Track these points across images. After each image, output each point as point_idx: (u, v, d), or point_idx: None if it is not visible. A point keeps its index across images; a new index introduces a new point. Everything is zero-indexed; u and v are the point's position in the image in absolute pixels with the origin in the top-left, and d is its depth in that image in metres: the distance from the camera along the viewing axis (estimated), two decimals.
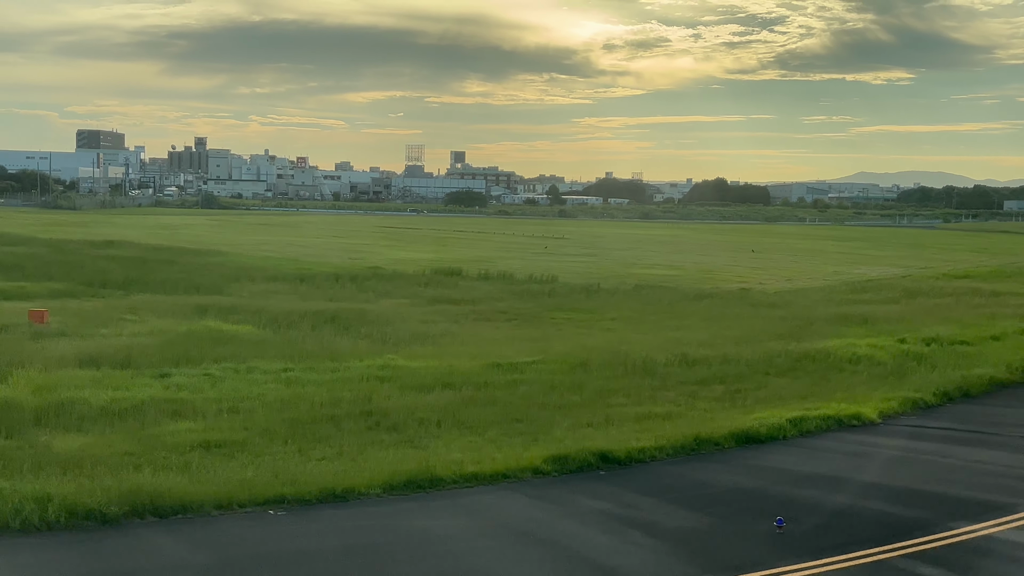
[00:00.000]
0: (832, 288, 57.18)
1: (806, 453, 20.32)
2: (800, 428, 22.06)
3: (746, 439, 21.01)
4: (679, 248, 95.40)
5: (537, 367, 28.32)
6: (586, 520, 15.62)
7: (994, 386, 27.70)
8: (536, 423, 21.97)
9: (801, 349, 32.37)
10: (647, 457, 19.46)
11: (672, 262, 77.60)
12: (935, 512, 16.16)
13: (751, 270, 72.03)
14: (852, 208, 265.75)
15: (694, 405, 24.44)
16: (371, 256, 71.26)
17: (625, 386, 26.31)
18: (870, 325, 39.18)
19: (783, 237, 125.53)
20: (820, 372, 29.18)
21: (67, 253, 61.73)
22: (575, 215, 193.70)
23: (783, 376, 28.61)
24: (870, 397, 25.10)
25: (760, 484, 17.87)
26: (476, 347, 31.96)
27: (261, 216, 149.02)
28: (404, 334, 34.34)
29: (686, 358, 30.17)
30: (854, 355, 31.75)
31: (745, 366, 29.53)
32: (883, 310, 45.09)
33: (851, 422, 22.93)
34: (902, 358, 31.58)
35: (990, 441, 21.44)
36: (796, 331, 37.18)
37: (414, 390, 24.73)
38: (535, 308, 43.99)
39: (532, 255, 79.84)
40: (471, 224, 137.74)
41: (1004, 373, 28.94)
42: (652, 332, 37.45)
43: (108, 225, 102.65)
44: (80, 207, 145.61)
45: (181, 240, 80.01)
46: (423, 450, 19.29)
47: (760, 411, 23.34)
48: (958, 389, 26.68)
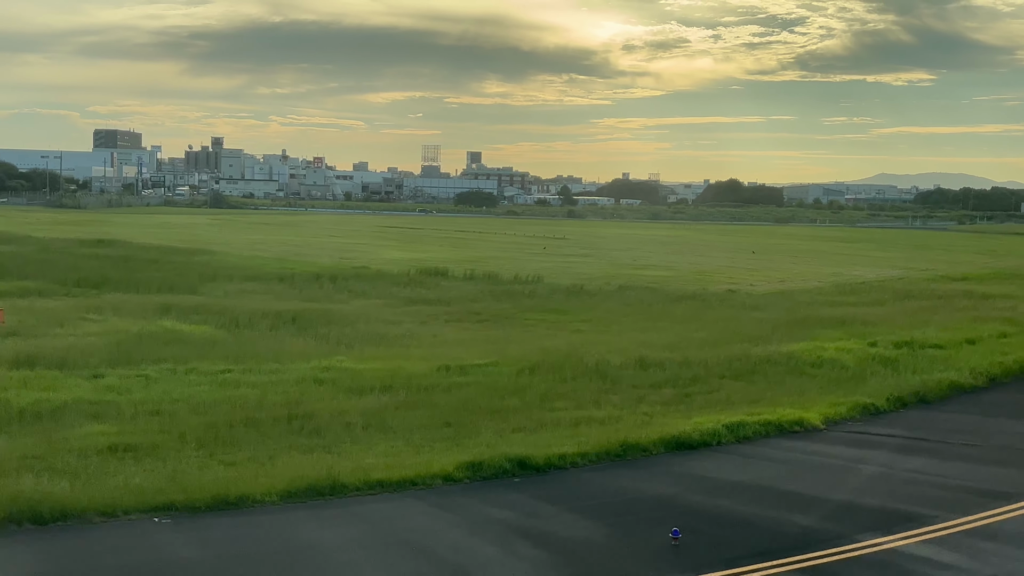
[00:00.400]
0: (822, 290, 56.35)
1: (735, 460, 19.68)
2: (737, 434, 21.42)
3: (677, 445, 20.40)
4: (679, 249, 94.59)
5: (487, 370, 27.78)
6: (477, 530, 15.05)
7: (954, 391, 26.96)
8: (465, 428, 21.43)
9: (766, 352, 31.69)
10: (568, 463, 18.87)
11: (668, 263, 76.87)
12: (847, 523, 15.53)
13: (746, 271, 71.21)
14: (867, 209, 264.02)
15: (636, 409, 23.82)
16: (363, 256, 70.79)
17: (572, 389, 25.72)
18: (847, 327, 38.44)
19: (788, 238, 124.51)
20: (778, 376, 28.50)
21: (53, 252, 61.52)
22: (584, 215, 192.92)
23: (739, 380, 27.94)
24: (820, 402, 24.45)
25: (676, 492, 17.26)
26: (433, 349, 31.44)
27: (266, 216, 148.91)
28: (364, 335, 33.82)
29: (644, 361, 29.54)
30: (819, 358, 31.08)
31: (703, 369, 28.88)
32: (865, 312, 44.30)
33: (793, 428, 22.28)
34: (868, 362, 30.86)
35: (931, 449, 20.74)
36: (769, 333, 36.47)
37: (351, 393, 24.22)
38: (510, 309, 43.41)
39: (528, 255, 79.23)
40: (476, 224, 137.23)
41: (968, 378, 28.18)
42: (621, 334, 36.84)
43: (107, 224, 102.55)
44: (85, 206, 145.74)
45: (175, 239, 79.70)
46: (338, 456, 18.77)
47: (702, 416, 22.72)
48: (915, 394, 25.97)
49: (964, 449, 20.78)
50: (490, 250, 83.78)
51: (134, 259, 58.53)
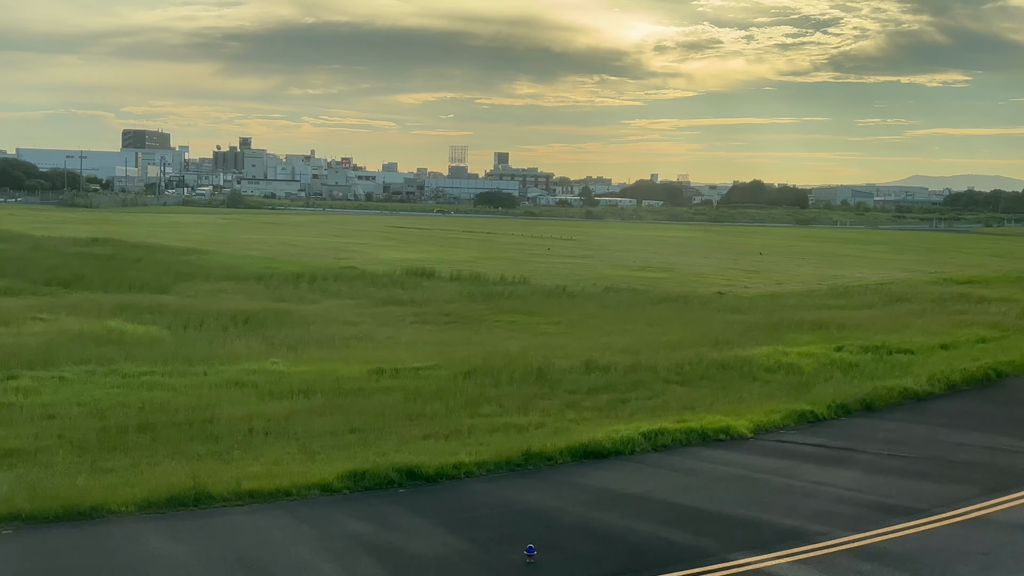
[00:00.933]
0: (814, 292, 55.19)
1: (643, 470, 18.76)
2: (655, 442, 20.49)
3: (585, 454, 19.49)
4: (685, 250, 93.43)
5: (425, 373, 26.97)
6: (326, 545, 14.23)
7: (905, 399, 25.88)
8: (373, 434, 20.59)
9: (725, 356, 30.72)
10: (462, 473, 18.01)
11: (669, 264, 75.87)
12: (725, 540, 14.59)
13: (746, 273, 70.09)
14: (894, 212, 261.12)
15: (563, 416, 22.93)
16: (357, 256, 70.16)
17: (505, 394, 24.84)
18: (822, 331, 37.40)
19: (802, 240, 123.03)
20: (728, 381, 27.51)
21: (41, 250, 61.27)
22: (603, 216, 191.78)
23: (686, 385, 27.00)
24: (757, 409, 23.47)
25: (561, 504, 16.36)
26: (379, 351, 30.68)
27: (279, 215, 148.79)
28: (315, 337, 33.10)
29: (593, 364, 28.63)
30: (776, 363, 30.09)
31: (650, 373, 27.95)
32: (849, 315, 43.17)
33: (718, 436, 21.32)
34: (827, 367, 29.83)
35: (854, 460, 19.73)
36: (737, 337, 35.49)
37: (269, 397, 23.47)
38: (483, 310, 42.59)
39: (529, 256, 78.39)
40: (489, 225, 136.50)
41: (924, 385, 27.08)
42: (585, 336, 35.96)
43: (110, 223, 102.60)
44: (98, 205, 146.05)
45: (173, 239, 79.44)
46: (224, 463, 18.02)
47: (628, 423, 21.80)
48: (861, 402, 24.92)
49: (888, 460, 19.75)
50: (492, 251, 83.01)
51: (119, 258, 58.16)
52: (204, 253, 65.98)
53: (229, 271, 53.91)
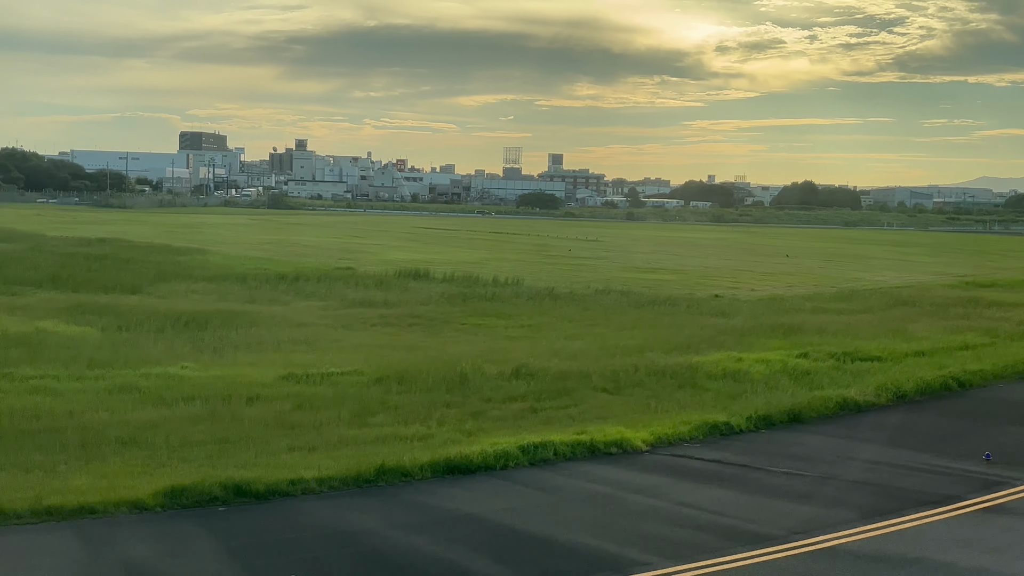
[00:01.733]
0: (818, 296, 53.12)
1: (498, 488, 17.27)
2: (534, 456, 18.99)
3: (449, 469, 18.05)
4: (709, 252, 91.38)
5: (339, 379, 25.68)
6: (85, 571, 13.00)
7: (842, 410, 24.13)
8: (239, 445, 19.34)
9: (675, 362, 29.10)
10: (298, 490, 16.65)
11: (683, 266, 74.13)
12: (523, 570, 13.15)
13: (760, 276, 68.14)
14: (951, 213, 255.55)
15: (461, 426, 21.45)
16: (363, 257, 69.17)
17: (411, 402, 23.47)
18: (798, 336, 35.62)
19: (839, 242, 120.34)
20: (662, 389, 25.90)
21: (36, 250, 60.96)
22: (644, 218, 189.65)
23: (616, 393, 25.44)
24: (668, 420, 21.88)
25: (379, 527, 14.92)
26: (310, 355, 29.48)
27: (312, 216, 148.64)
28: (253, 339, 32.02)
29: (525, 370, 27.14)
30: (725, 370, 28.42)
31: (582, 380, 26.42)
32: (840, 320, 41.30)
33: (609, 450, 19.77)
34: (778, 374, 28.09)
35: (741, 478, 18.10)
36: (704, 341, 33.83)
37: (153, 403, 22.32)
38: (455, 313, 41.28)
39: (542, 257, 77.03)
40: (522, 226, 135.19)
41: (869, 396, 25.27)
42: (546, 340, 34.49)
43: (131, 223, 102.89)
44: (132, 206, 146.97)
45: (183, 239, 79.15)
46: (50, 475, 16.85)
47: (523, 434, 20.31)
48: (789, 413, 23.20)
49: (780, 479, 18.08)
50: (506, 252, 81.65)
51: (110, 258, 57.73)
52: (204, 253, 65.40)
53: (216, 271, 53.13)
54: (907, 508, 16.13)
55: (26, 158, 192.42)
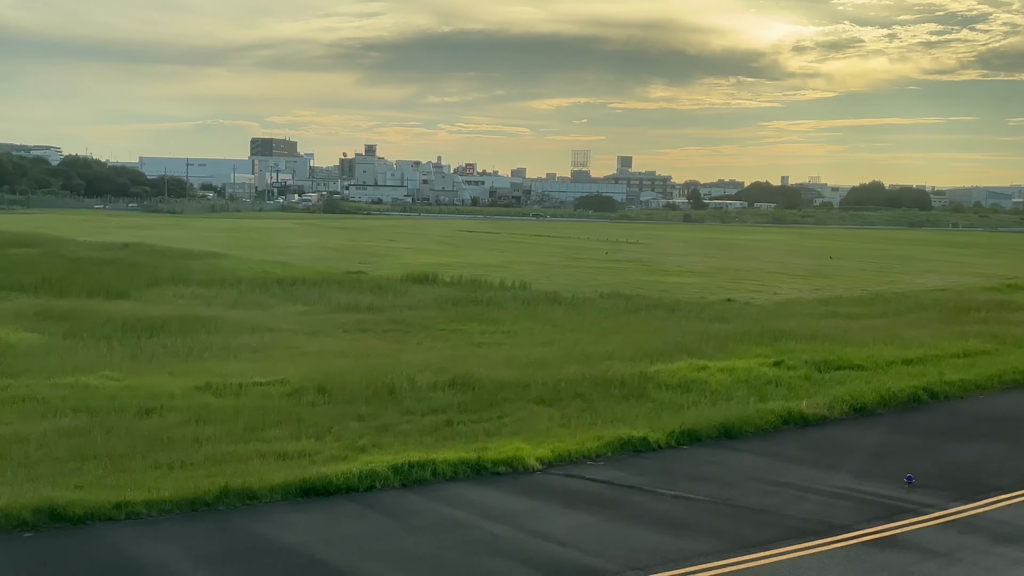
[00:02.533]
0: (837, 300, 50.79)
1: (343, 514, 15.75)
2: (407, 477, 17.47)
3: (305, 491, 16.63)
4: (748, 254, 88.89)
5: (256, 389, 24.36)
6: None
7: (786, 424, 22.28)
8: (102, 461, 18.10)
9: (632, 371, 27.38)
10: (124, 515, 15.30)
11: (714, 268, 72.01)
12: None
13: (791, 278, 65.89)
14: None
15: (357, 442, 19.98)
16: (384, 260, 68.05)
17: (319, 415, 22.10)
18: (786, 342, 33.59)
19: (895, 243, 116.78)
20: (603, 400, 24.24)
21: (50, 255, 60.70)
22: (702, 220, 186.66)
23: (552, 404, 23.82)
24: (578, 436, 20.25)
25: (165, 559, 13.51)
26: (250, 363, 28.23)
27: (360, 220, 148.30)
28: (204, 346, 30.84)
29: (462, 380, 25.65)
30: (682, 379, 26.67)
31: (521, 391, 24.88)
32: (842, 325, 39.16)
33: (498, 469, 18.20)
34: (739, 384, 26.27)
35: (622, 501, 16.39)
36: (682, 348, 32.03)
37: (41, 416, 21.19)
38: (439, 318, 39.81)
39: (571, 260, 75.35)
40: (569, 228, 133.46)
41: (821, 409, 23.35)
42: (515, 346, 33.02)
43: (172, 228, 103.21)
44: (181, 211, 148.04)
45: (213, 243, 78.89)
46: None
47: (408, 452, 18.82)
48: (721, 427, 21.40)
49: (663, 504, 16.34)
50: (537, 255, 79.96)
51: (118, 262, 57.34)
52: (220, 257, 64.84)
53: (219, 276, 52.33)
54: (783, 540, 14.35)
55: (88, 165, 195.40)
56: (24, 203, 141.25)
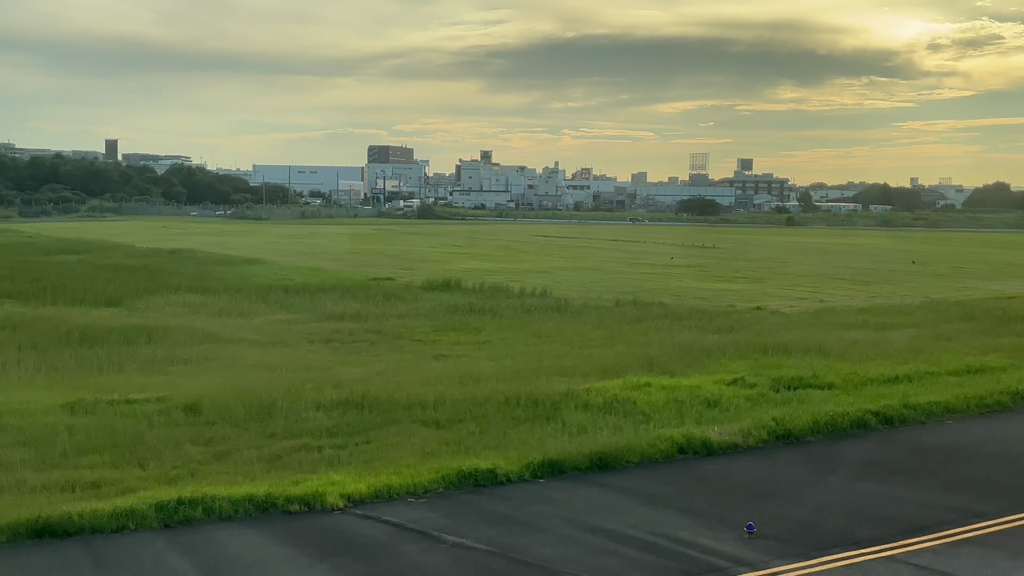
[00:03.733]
0: (880, 308, 47.07)
1: (58, 562, 13.73)
2: (171, 516, 15.29)
3: (37, 532, 14.58)
4: (825, 259, 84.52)
5: (130, 407, 22.57)
6: None
7: (683, 453, 19.44)
8: None
9: (558, 389, 24.81)
10: None
11: (772, 274, 68.37)
12: None
13: (852, 284, 62.14)
14: None
15: (169, 473, 18.00)
16: (427, 267, 66.33)
17: (168, 437, 20.20)
18: (771, 357, 30.58)
19: (995, 247, 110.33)
20: (502, 421, 21.88)
21: (82, 263, 60.56)
22: (805, 223, 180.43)
23: (442, 427, 21.52)
24: (425, 466, 17.87)
25: None
26: (161, 377, 26.66)
27: (444, 225, 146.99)
28: (133, 358, 29.49)
29: (359, 399, 23.47)
30: (612, 399, 24.02)
31: (414, 411, 22.61)
32: (851, 337, 35.91)
33: (290, 507, 15.91)
34: (671, 405, 23.48)
35: (394, 551, 13.90)
36: (648, 362, 29.39)
37: None
38: (423, 328, 37.84)
39: (628, 267, 72.60)
40: (658, 233, 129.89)
41: (735, 436, 20.40)
42: (473, 360, 30.75)
43: (242, 234, 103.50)
44: (268, 218, 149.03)
45: (266, 250, 78.44)
46: None
47: (208, 486, 16.65)
48: (594, 458, 18.61)
49: (437, 555, 13.75)
50: (595, 261, 77.17)
51: (144, 269, 57.06)
52: (256, 263, 64.25)
53: (233, 283, 51.32)
54: None
55: (191, 173, 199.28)
56: (116, 210, 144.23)
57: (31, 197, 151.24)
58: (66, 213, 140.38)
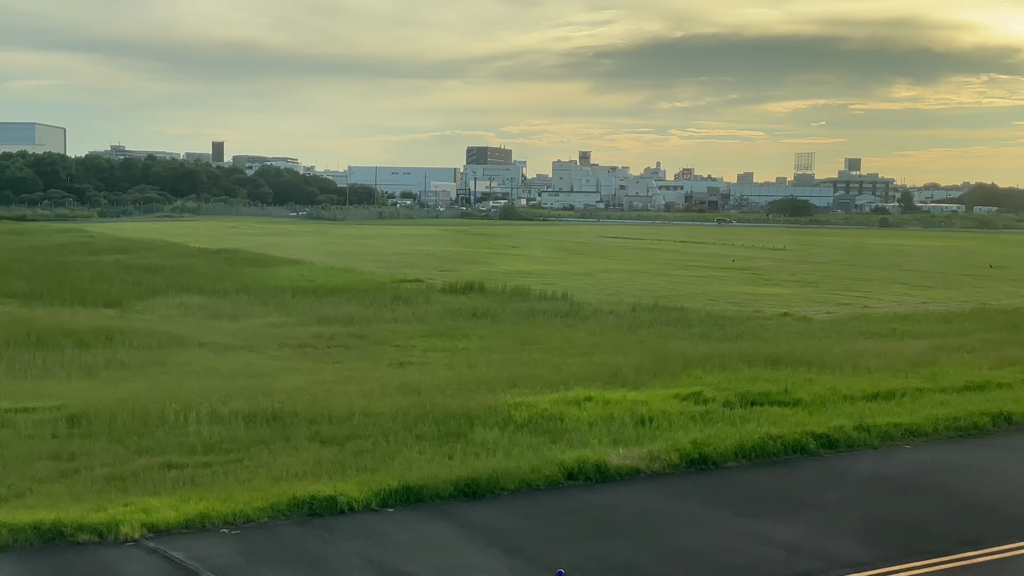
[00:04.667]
0: (916, 316, 44.03)
1: None
2: None
3: None
4: (894, 261, 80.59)
5: (16, 417, 21.42)
6: None
7: (569, 479, 17.41)
8: None
9: (487, 402, 23.11)
10: None
11: (829, 278, 65.19)
12: None
13: (910, 288, 58.76)
14: None
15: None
16: (468, 269, 64.72)
17: (22, 452, 18.92)
18: (756, 369, 28.37)
19: None
20: (408, 440, 20.12)
21: (113, 264, 60.32)
22: (901, 225, 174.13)
23: (342, 444, 19.85)
24: (265, 491, 16.15)
25: None
26: (80, 384, 25.45)
27: (517, 226, 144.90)
28: (69, 362, 28.35)
29: (262, 412, 21.93)
30: (539, 414, 22.12)
31: (318, 427, 20.97)
32: (864, 347, 33.38)
33: (78, 537, 14.35)
34: (603, 423, 21.43)
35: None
36: (613, 374, 27.36)
37: None
38: (410, 332, 36.23)
39: (678, 269, 70.07)
40: (734, 234, 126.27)
41: (640, 461, 18.32)
42: (435, 369, 29.04)
43: (307, 235, 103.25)
44: (342, 218, 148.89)
45: (320, 251, 77.82)
46: None
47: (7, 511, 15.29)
48: (462, 484, 16.80)
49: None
50: (649, 264, 74.63)
51: (178, 269, 56.58)
52: (296, 264, 63.56)
53: (246, 284, 50.27)
54: None
55: (279, 174, 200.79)
56: (196, 210, 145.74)
57: (117, 198, 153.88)
58: (147, 213, 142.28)
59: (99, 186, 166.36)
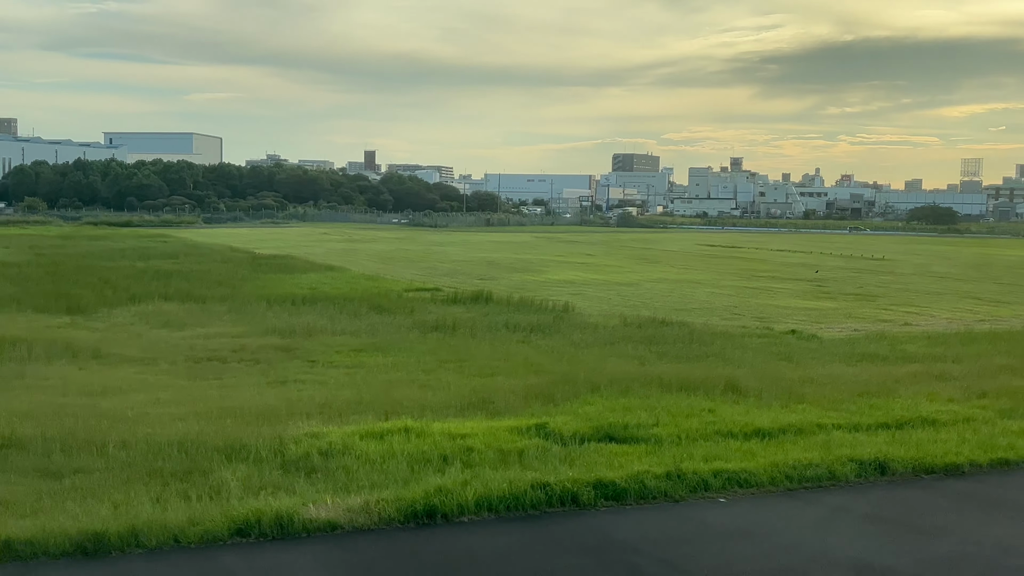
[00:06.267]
0: (948, 336, 38.99)
1: None
2: None
3: None
4: (984, 274, 74.32)
5: None
6: None
7: (262, 536, 14.34)
8: None
9: (288, 434, 19.93)
10: None
11: (892, 291, 60.17)
12: None
13: (972, 303, 53.58)
14: None
15: None
16: (511, 277, 61.96)
17: None
18: (675, 395, 24.46)
19: None
20: (129, 475, 17.33)
21: (141, 269, 59.68)
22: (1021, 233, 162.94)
23: (59, 479, 17.21)
24: None
25: None
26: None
27: (623, 234, 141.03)
28: None
29: (16, 438, 19.58)
30: (324, 448, 18.76)
31: (53, 457, 18.46)
32: (838, 371, 29.07)
33: None
34: (396, 461, 18.08)
35: None
36: (506, 397, 23.97)
37: None
38: (353, 345, 33.67)
39: (746, 279, 65.78)
40: (860, 243, 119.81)
41: (342, 514, 15.08)
42: (312, 387, 26.21)
43: (371, 241, 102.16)
44: (444, 225, 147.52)
45: (365, 257, 76.20)
46: None
47: None
48: (88, 539, 13.80)
49: None
50: (711, 274, 70.11)
51: (195, 275, 55.63)
52: (325, 270, 61.99)
53: (245, 292, 48.72)
54: None
55: (402, 181, 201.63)
56: (302, 216, 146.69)
57: (235, 204, 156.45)
58: (257, 219, 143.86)
59: (224, 193, 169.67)
